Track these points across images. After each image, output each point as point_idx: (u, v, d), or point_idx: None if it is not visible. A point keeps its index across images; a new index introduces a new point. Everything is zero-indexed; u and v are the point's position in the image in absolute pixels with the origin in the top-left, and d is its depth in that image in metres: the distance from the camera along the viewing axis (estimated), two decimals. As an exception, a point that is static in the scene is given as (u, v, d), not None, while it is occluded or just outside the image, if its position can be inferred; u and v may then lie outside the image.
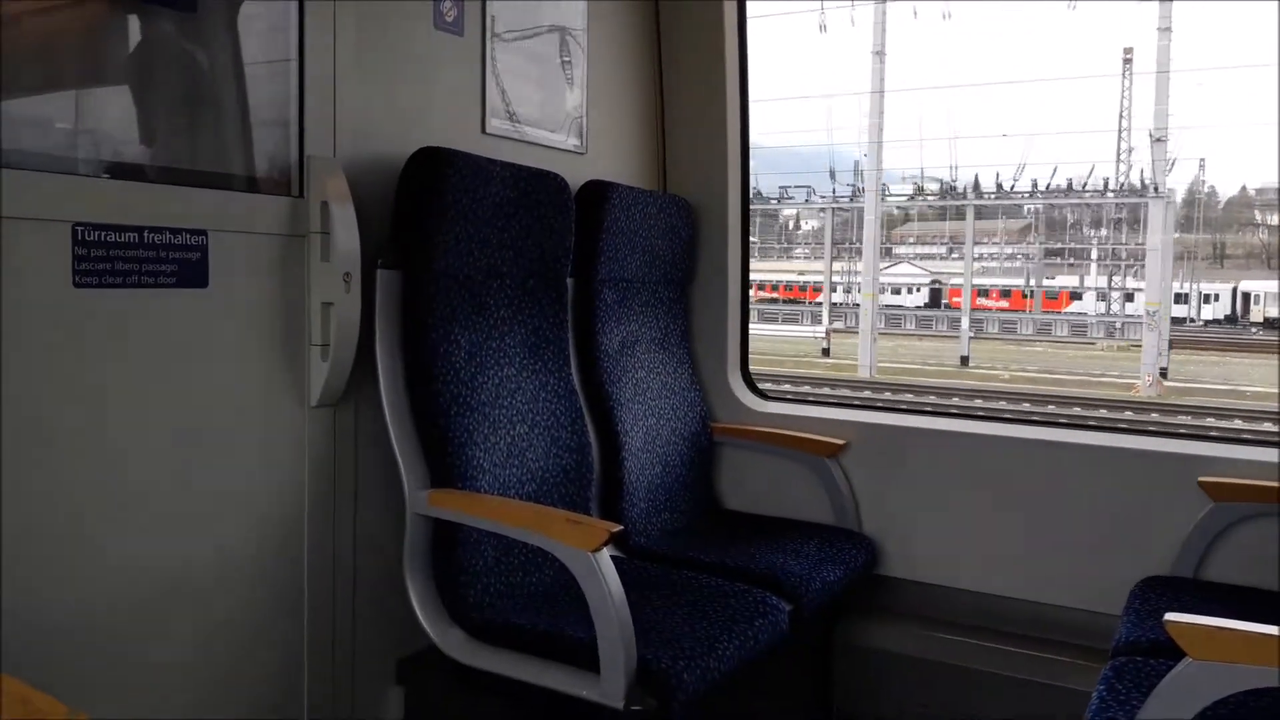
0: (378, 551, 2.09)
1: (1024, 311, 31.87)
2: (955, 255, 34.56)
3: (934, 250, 36.45)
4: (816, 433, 2.73)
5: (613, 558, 1.80)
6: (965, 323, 25.18)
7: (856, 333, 23.17)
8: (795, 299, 35.38)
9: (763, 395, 2.97)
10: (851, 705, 2.62)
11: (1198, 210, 37.49)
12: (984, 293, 32.56)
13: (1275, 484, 2.19)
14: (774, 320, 31.09)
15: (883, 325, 23.13)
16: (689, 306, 2.94)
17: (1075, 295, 32.29)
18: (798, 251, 40.16)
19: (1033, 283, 32.57)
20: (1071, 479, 2.43)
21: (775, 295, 35.82)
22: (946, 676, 2.49)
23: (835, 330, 27.46)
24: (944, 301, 33.52)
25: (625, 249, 2.59)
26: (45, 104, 1.67)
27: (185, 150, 1.89)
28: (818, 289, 34.21)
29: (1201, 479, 2.25)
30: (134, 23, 1.79)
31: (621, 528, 1.81)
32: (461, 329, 2.10)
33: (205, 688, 1.82)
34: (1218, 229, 40.53)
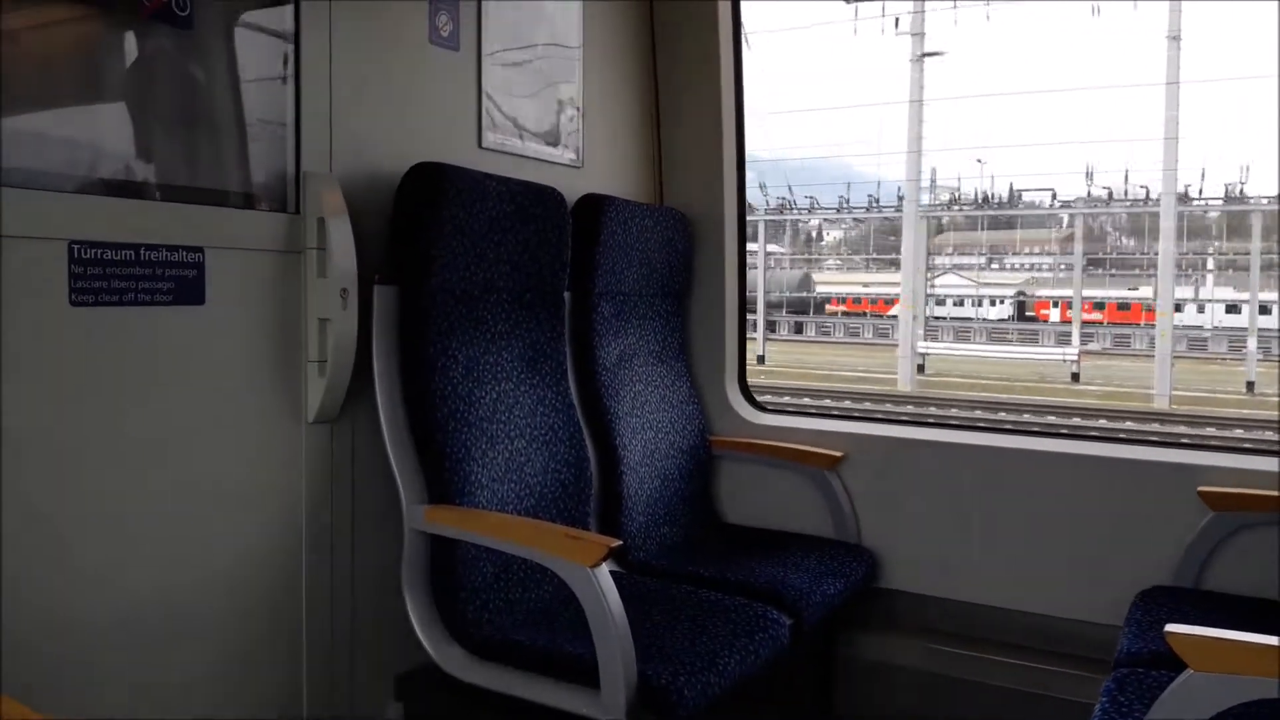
0: (376, 567, 2.08)
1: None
2: (995, 265, 33.55)
3: (974, 260, 35.38)
4: (815, 445, 2.72)
5: (612, 573, 1.79)
6: (1253, 344, 21.18)
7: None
8: (859, 311, 34.06)
9: (760, 407, 2.97)
10: (852, 718, 2.61)
11: None
12: (1099, 305, 30.50)
13: (1275, 493, 2.19)
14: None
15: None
16: (686, 319, 2.94)
17: (1177, 308, 28.22)
18: (829, 262, 39.30)
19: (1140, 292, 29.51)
20: (1071, 489, 2.43)
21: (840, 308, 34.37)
22: (948, 689, 2.48)
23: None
24: (1031, 314, 31.55)
25: (622, 262, 2.59)
26: (42, 121, 1.67)
27: (182, 167, 1.89)
28: (889, 302, 32.64)
29: (1201, 489, 2.24)
30: (130, 40, 1.80)
31: (620, 543, 1.81)
32: (459, 344, 2.10)
33: (203, 705, 1.81)
34: None
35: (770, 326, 31.65)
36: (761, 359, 24.01)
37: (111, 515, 1.66)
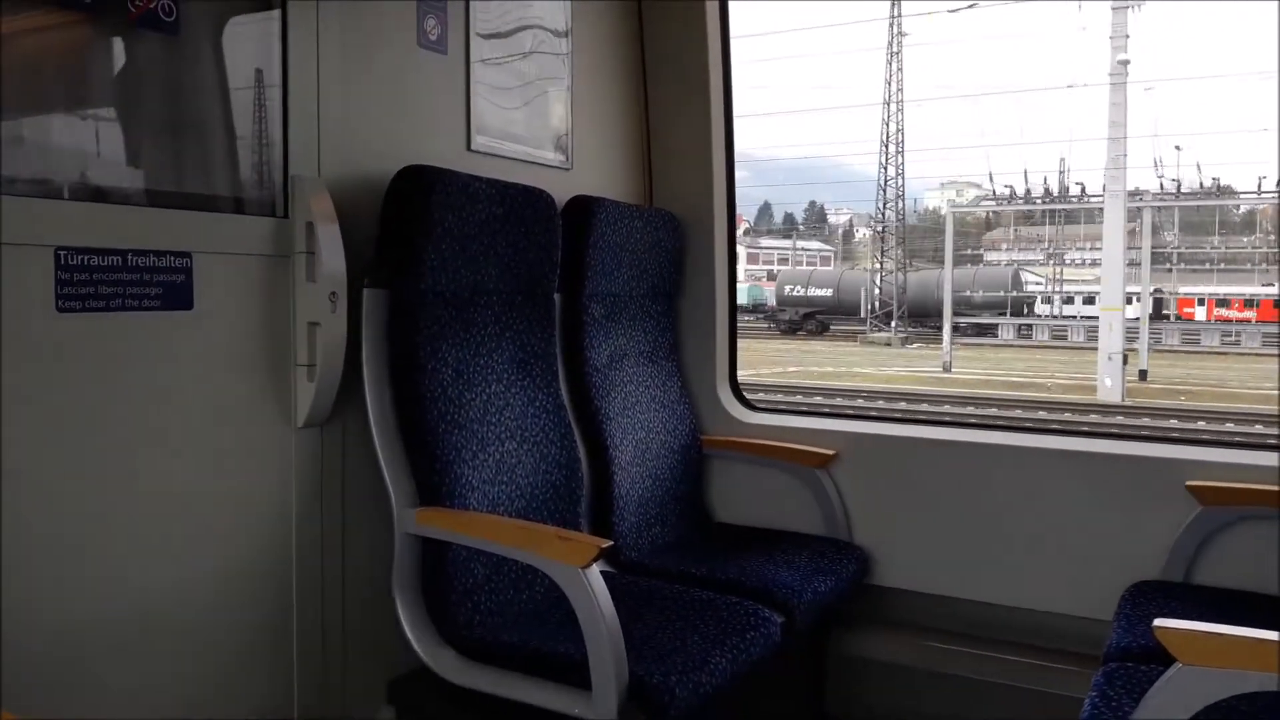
0: (367, 571, 2.08)
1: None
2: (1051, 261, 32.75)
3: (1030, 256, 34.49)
4: (806, 443, 2.73)
5: (603, 573, 1.80)
6: None
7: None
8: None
9: (751, 406, 2.97)
10: (845, 715, 2.62)
11: None
12: (1223, 302, 28.74)
13: (1263, 487, 2.20)
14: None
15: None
16: (677, 319, 2.94)
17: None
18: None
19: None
20: (1061, 485, 2.44)
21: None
22: (939, 685, 2.49)
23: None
24: (1169, 313, 29.05)
25: (612, 264, 2.59)
26: (27, 127, 1.67)
27: (169, 172, 1.89)
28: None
29: (1189, 483, 2.26)
30: (118, 45, 1.79)
31: (612, 543, 1.81)
32: (449, 347, 2.10)
33: (194, 710, 1.81)
34: None
35: (979, 330, 28.57)
36: (1144, 374, 19.57)
37: (101, 522, 1.66)
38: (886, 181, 32.88)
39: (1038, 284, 33.05)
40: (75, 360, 1.62)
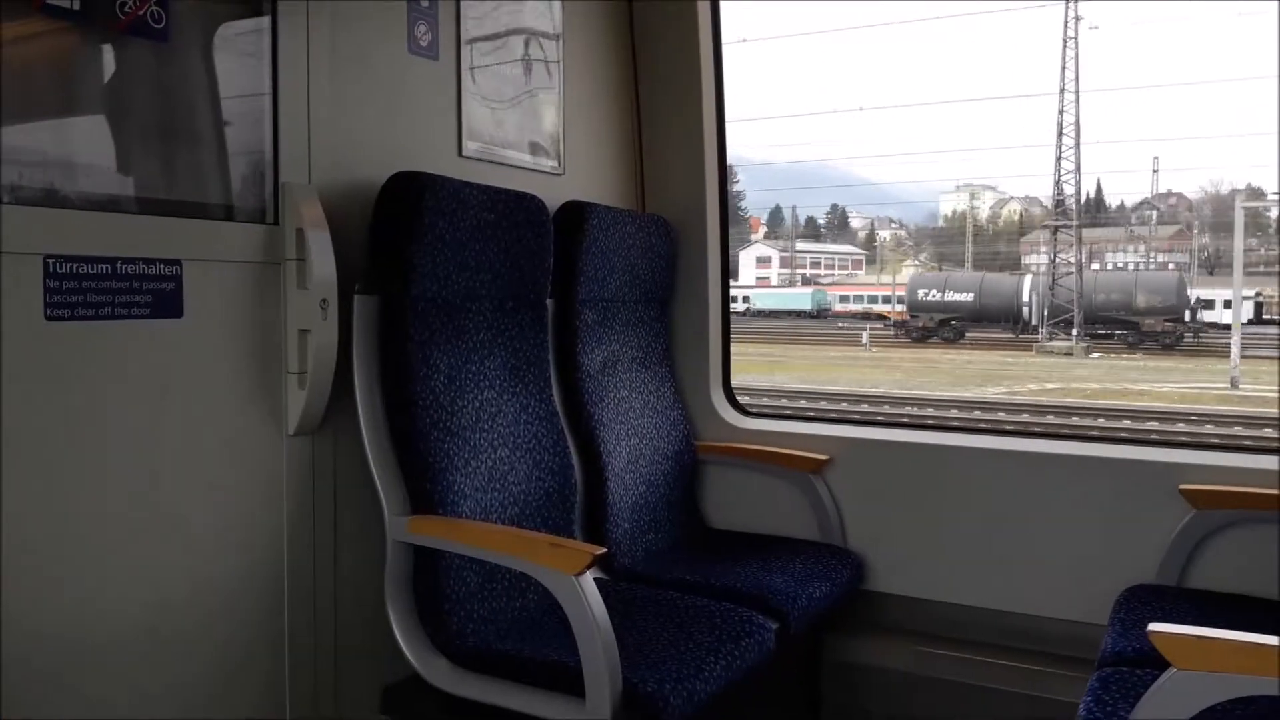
0: (359, 579, 2.07)
1: None
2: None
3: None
4: (800, 448, 2.73)
5: (597, 580, 1.80)
6: None
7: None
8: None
9: (745, 412, 2.97)
10: None
11: None
12: None
13: (1256, 490, 2.20)
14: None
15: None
16: (670, 325, 2.93)
17: None
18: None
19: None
20: (1054, 489, 2.44)
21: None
22: (934, 690, 2.49)
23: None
24: (1268, 317, 27.62)
25: (605, 269, 2.59)
26: (17, 135, 1.66)
27: (159, 179, 1.87)
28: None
29: (1182, 486, 2.26)
30: (106, 53, 1.79)
31: (605, 550, 1.81)
32: (440, 353, 2.10)
33: (187, 717, 1.80)
34: None
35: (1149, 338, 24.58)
36: None
37: (92, 530, 1.65)
38: (1062, 176, 30.49)
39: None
40: (65, 369, 1.61)
